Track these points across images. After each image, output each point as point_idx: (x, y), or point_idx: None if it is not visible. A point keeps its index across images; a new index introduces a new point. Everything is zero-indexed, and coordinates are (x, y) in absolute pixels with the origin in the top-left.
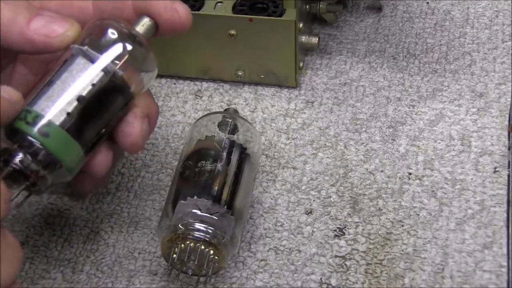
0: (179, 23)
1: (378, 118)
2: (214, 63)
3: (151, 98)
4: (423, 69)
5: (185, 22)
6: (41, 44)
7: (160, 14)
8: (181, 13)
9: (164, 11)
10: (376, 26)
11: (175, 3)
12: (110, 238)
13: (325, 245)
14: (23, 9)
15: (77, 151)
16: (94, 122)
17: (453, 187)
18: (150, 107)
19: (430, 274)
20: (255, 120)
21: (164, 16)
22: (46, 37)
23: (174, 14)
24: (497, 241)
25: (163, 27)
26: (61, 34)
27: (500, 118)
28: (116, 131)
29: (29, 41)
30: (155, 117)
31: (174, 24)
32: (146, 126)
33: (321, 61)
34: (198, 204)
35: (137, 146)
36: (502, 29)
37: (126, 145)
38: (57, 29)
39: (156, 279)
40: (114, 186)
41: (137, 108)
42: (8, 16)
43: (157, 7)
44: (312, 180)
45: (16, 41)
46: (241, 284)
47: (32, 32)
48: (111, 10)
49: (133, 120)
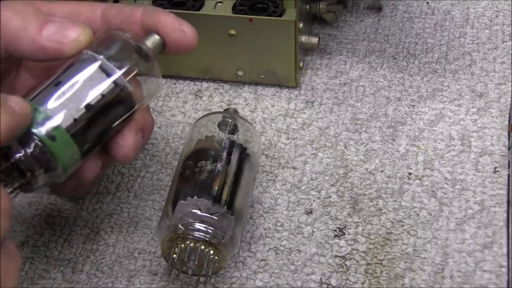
0: (185, 44)
1: (378, 118)
2: (214, 63)
3: (147, 111)
4: (423, 69)
5: (191, 44)
6: (54, 51)
7: (168, 34)
8: (188, 34)
9: (172, 31)
10: (376, 26)
11: (183, 24)
12: (110, 238)
13: (325, 245)
14: (33, 17)
15: (76, 156)
16: (95, 130)
17: (453, 187)
18: (146, 120)
19: (430, 274)
20: (255, 120)
21: (172, 37)
22: (59, 43)
23: (181, 35)
24: (497, 241)
25: (169, 47)
26: (73, 40)
27: (500, 118)
28: (110, 141)
29: (41, 49)
30: (149, 130)
31: (180, 45)
32: (139, 139)
33: (321, 61)
34: (198, 204)
35: (129, 158)
36: (502, 29)
37: (118, 156)
38: (69, 34)
39: (156, 279)
40: (114, 186)
41: (133, 121)
42: (18, 25)
43: (165, 27)
44: (312, 180)
45: (28, 50)
46: (241, 284)
47: (44, 39)
48: (119, 23)
49: (128, 132)
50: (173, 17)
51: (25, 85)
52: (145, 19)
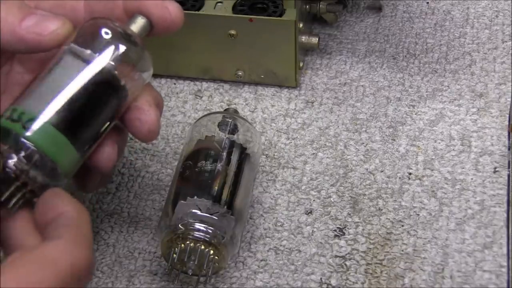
0: (170, 21)
1: (378, 118)
2: (214, 63)
3: (154, 89)
4: (423, 69)
5: (176, 21)
6: (33, 42)
7: (151, 13)
8: (172, 11)
9: (155, 9)
10: (376, 26)
11: (165, 2)
12: (110, 238)
13: (325, 245)
14: (16, 9)
15: (72, 153)
16: (88, 122)
17: (453, 187)
18: (157, 97)
19: (430, 274)
20: (255, 120)
21: (155, 15)
22: (38, 35)
23: (165, 12)
24: (497, 241)
25: (155, 27)
26: (52, 31)
27: (500, 118)
28: (131, 119)
29: (20, 40)
30: (162, 107)
31: (165, 23)
32: (159, 113)
33: (321, 61)
34: (198, 204)
35: (154, 133)
36: (502, 29)
37: (143, 133)
38: (48, 26)
39: (156, 279)
40: (114, 186)
41: (149, 96)
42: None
43: (147, 6)
44: (312, 180)
45: (8, 40)
46: (241, 284)
47: (24, 30)
48: (102, 9)
49: (148, 108)
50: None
51: (19, 79)
52: (128, 2)
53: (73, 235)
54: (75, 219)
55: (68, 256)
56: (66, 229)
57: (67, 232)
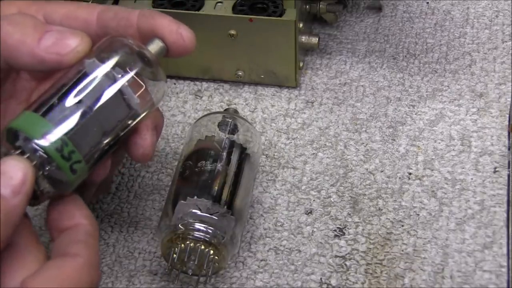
0: (183, 48)
1: (378, 118)
2: (214, 63)
3: (158, 110)
4: (423, 69)
5: (189, 47)
6: (53, 62)
7: (165, 37)
8: (186, 38)
9: (169, 34)
10: (376, 26)
11: (180, 27)
12: (110, 238)
13: (325, 245)
14: (31, 29)
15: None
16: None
17: (453, 187)
18: (158, 119)
19: (430, 274)
20: (255, 120)
21: (169, 40)
22: (57, 55)
23: (179, 38)
24: (497, 241)
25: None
26: (72, 49)
27: (500, 118)
28: (129, 142)
29: (40, 61)
30: (161, 127)
31: (178, 48)
32: (155, 137)
33: (321, 61)
34: (198, 204)
35: (147, 157)
36: (502, 29)
37: (137, 156)
38: (68, 44)
39: (156, 279)
40: (114, 186)
41: (148, 119)
42: (17, 38)
43: (162, 30)
44: (312, 180)
45: (27, 62)
46: (241, 284)
47: (43, 51)
48: (115, 26)
49: (145, 132)
50: (170, 19)
51: (25, 86)
52: (142, 22)
53: (91, 255)
54: (92, 236)
55: (88, 278)
56: (85, 247)
57: (86, 251)
